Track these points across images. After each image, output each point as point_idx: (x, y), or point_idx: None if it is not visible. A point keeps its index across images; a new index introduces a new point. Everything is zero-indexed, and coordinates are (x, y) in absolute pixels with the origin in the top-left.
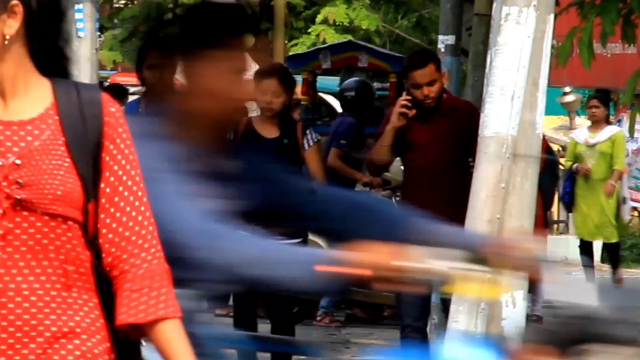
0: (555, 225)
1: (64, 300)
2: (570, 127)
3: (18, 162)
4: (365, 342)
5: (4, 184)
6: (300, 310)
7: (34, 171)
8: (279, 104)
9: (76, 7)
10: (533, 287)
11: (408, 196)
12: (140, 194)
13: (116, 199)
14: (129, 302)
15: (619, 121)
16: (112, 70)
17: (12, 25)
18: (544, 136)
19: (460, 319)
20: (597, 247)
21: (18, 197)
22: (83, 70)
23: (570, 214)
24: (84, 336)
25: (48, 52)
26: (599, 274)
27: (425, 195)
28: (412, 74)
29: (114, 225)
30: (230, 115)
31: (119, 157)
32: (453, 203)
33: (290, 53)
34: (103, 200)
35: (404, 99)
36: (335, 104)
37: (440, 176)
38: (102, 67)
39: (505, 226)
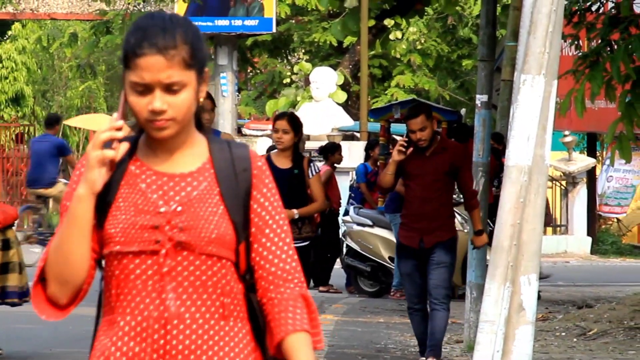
0: (558, 228)
1: (221, 329)
2: (569, 159)
3: (179, 209)
4: None
5: (167, 227)
6: (380, 287)
7: (192, 217)
8: (288, 139)
9: (221, 75)
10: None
11: (407, 210)
12: (283, 235)
13: (263, 239)
14: (279, 321)
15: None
16: (247, 119)
17: (204, 90)
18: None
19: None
20: (587, 242)
21: (179, 239)
22: (226, 120)
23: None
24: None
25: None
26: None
27: (418, 209)
28: (408, 122)
29: (262, 262)
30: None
31: (266, 204)
32: (438, 217)
33: (372, 107)
34: (252, 241)
35: (402, 140)
36: None
37: (430, 198)
38: (240, 117)
39: (523, 228)
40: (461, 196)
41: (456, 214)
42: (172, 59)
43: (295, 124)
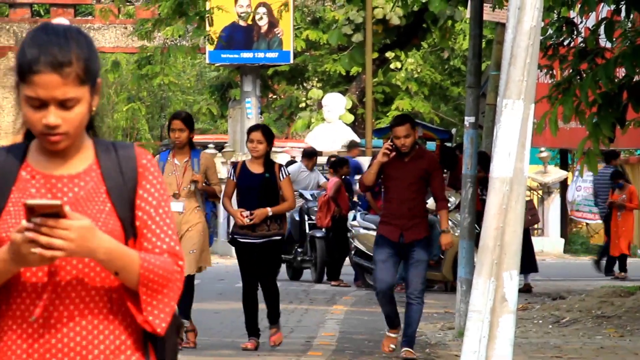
0: (536, 230)
1: (110, 323)
2: (544, 172)
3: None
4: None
5: None
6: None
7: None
8: (262, 148)
9: (247, 99)
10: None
11: (386, 209)
12: (166, 228)
13: (149, 234)
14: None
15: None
16: None
17: (97, 100)
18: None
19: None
20: (561, 242)
21: None
22: None
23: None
24: (128, 352)
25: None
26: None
27: (397, 209)
28: (394, 129)
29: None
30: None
31: (150, 199)
32: (414, 216)
33: (376, 127)
34: (138, 235)
35: (388, 144)
36: None
37: (406, 198)
38: None
39: (505, 231)
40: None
41: (449, 220)
42: (67, 77)
43: (268, 135)
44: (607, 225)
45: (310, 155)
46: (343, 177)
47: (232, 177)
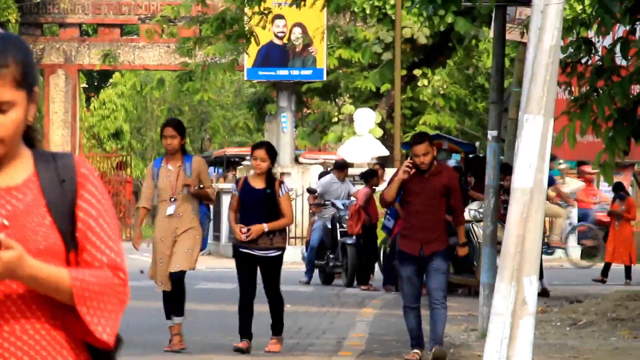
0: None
1: (53, 339)
2: (563, 182)
3: (6, 222)
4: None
5: None
6: None
7: (19, 230)
8: (265, 166)
9: (282, 114)
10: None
11: (407, 222)
12: (107, 239)
13: (88, 246)
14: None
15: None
16: (303, 150)
17: (33, 110)
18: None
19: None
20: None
21: None
22: (286, 151)
23: None
24: None
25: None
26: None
27: (418, 223)
28: (413, 148)
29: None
30: None
31: (91, 210)
32: (436, 229)
33: (404, 141)
34: (79, 247)
35: (408, 162)
36: None
37: (427, 212)
38: (297, 148)
39: (526, 238)
40: (481, 215)
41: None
42: (3, 78)
43: (272, 152)
44: (606, 234)
45: (341, 167)
46: (373, 187)
47: (235, 192)
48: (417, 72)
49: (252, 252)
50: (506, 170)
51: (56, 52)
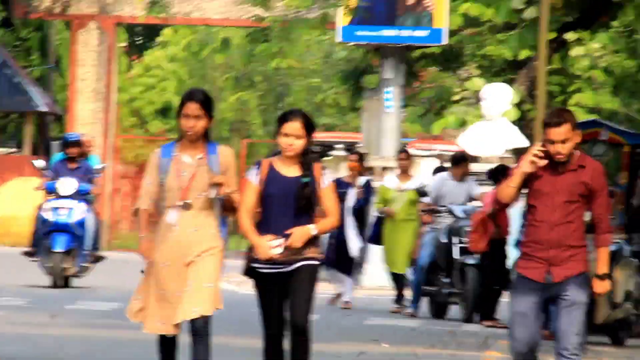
0: None
1: None
2: None
3: None
4: None
5: None
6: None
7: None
8: (300, 146)
9: (386, 89)
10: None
11: (530, 237)
12: None
13: None
14: None
15: None
16: (411, 138)
17: None
18: None
19: None
20: None
21: None
22: (389, 139)
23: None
24: None
25: None
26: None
27: (546, 237)
28: (548, 130)
29: None
30: None
31: None
32: (569, 246)
33: None
34: None
35: (537, 149)
36: None
37: (560, 222)
38: (404, 135)
39: None
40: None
41: None
42: None
43: (309, 127)
44: None
45: (458, 161)
46: None
47: (254, 181)
48: (569, 35)
49: (279, 270)
50: None
51: (89, 0)
